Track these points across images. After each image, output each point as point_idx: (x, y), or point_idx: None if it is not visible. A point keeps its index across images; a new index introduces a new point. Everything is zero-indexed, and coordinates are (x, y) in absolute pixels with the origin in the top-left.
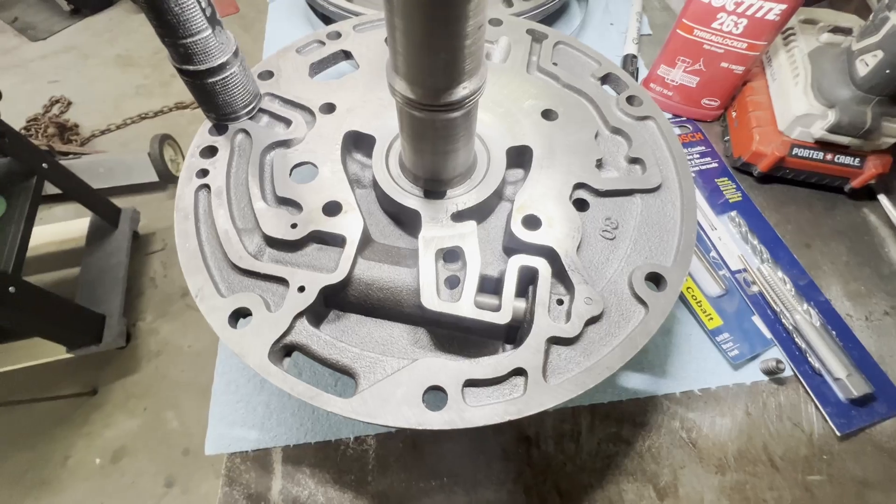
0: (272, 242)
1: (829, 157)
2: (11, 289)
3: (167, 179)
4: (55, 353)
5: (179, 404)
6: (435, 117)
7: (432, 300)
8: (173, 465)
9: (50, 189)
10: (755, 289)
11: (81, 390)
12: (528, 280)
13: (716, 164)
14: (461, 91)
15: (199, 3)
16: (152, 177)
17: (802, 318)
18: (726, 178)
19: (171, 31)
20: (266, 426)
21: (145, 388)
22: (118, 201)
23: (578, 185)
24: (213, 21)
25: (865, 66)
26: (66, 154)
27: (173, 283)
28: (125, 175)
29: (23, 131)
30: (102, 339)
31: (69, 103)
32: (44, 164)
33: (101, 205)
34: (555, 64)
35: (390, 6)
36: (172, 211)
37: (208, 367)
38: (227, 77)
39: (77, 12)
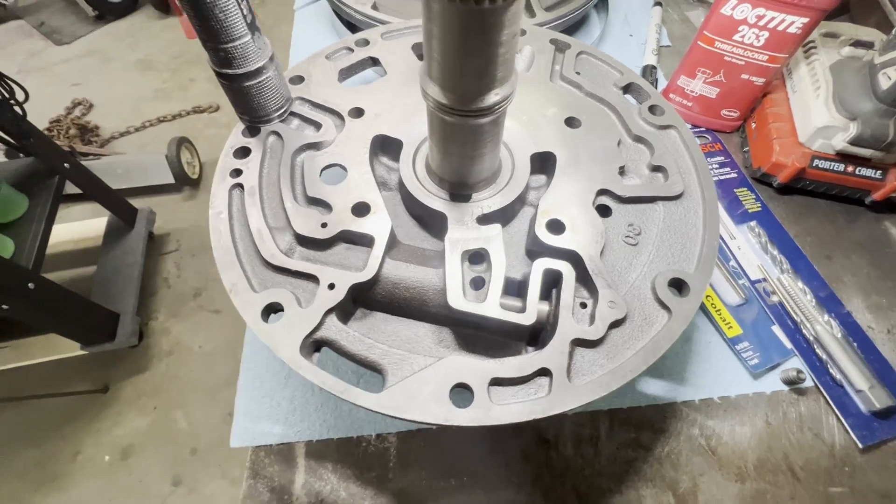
0: (303, 241)
1: (850, 168)
2: (31, 285)
3: (183, 181)
4: (69, 349)
5: (188, 404)
6: (465, 122)
7: (458, 300)
8: (181, 464)
9: (70, 188)
10: (775, 299)
11: (93, 387)
12: (551, 283)
13: (735, 175)
14: (492, 97)
15: (241, 10)
16: (168, 178)
17: (823, 328)
18: (745, 189)
19: (213, 36)
20: (290, 421)
21: (156, 386)
22: (135, 202)
23: (601, 192)
24: (252, 27)
25: (888, 79)
26: (86, 155)
27: (186, 283)
28: (142, 176)
29: (46, 132)
30: (116, 336)
31: (90, 105)
32: (65, 165)
33: (119, 205)
34: (577, 73)
35: (429, 13)
36: (187, 212)
37: (218, 368)
38: (262, 81)
39: (101, 18)
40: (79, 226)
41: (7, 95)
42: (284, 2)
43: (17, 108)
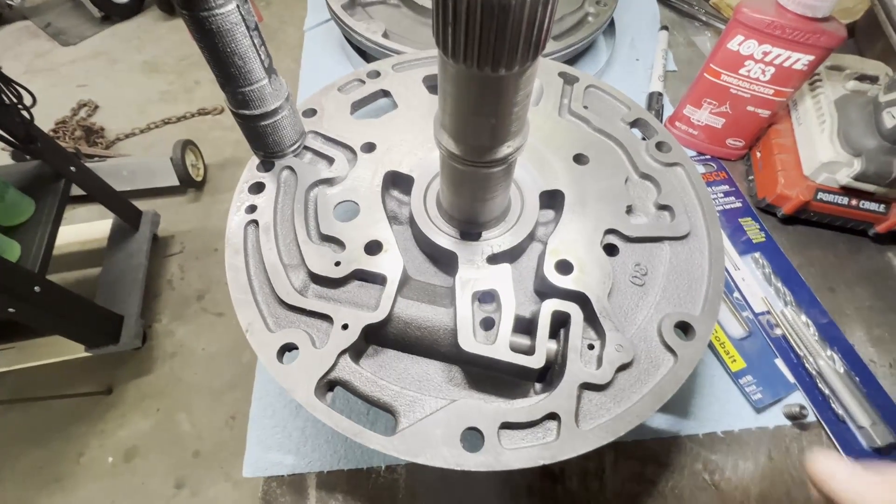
0: (316, 279)
1: (853, 202)
2: (37, 288)
3: (187, 184)
4: (73, 351)
5: (192, 407)
6: (477, 171)
7: (469, 342)
8: (184, 467)
9: (76, 190)
10: (779, 332)
11: (97, 389)
12: (559, 323)
13: (739, 204)
14: (504, 150)
15: (259, 55)
16: (173, 181)
17: (826, 363)
18: (750, 218)
19: (232, 80)
20: (301, 451)
21: (159, 389)
22: (139, 204)
23: (609, 231)
24: (269, 71)
25: (892, 118)
26: (91, 157)
27: (190, 285)
28: (147, 179)
29: (51, 133)
30: (120, 339)
31: (96, 107)
32: (72, 168)
33: (124, 207)
34: (585, 107)
35: (444, 73)
36: (191, 215)
37: (221, 371)
38: (278, 120)
39: (107, 19)
40: (84, 228)
41: (15, 100)
42: (290, 5)
43: (24, 113)
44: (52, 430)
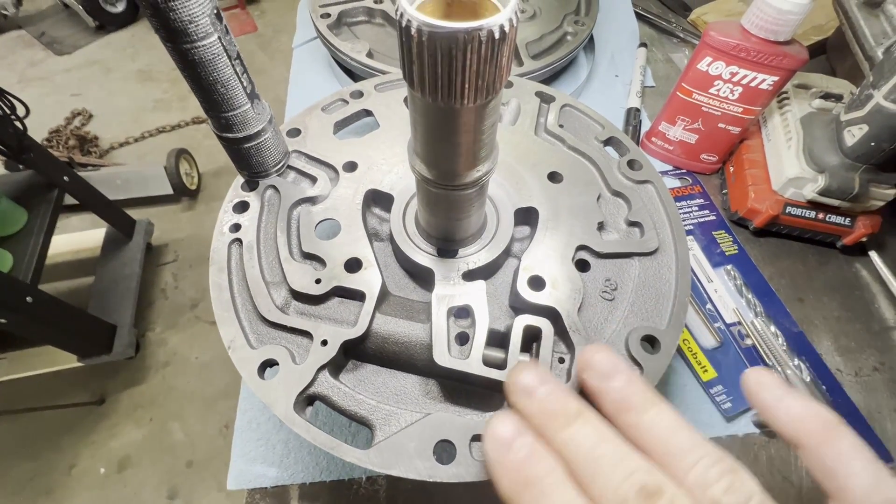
0: (298, 296)
1: (820, 216)
2: (29, 298)
3: (181, 192)
4: (65, 361)
5: (185, 416)
6: (449, 193)
7: (444, 357)
8: (176, 476)
9: (69, 199)
10: (749, 342)
11: (89, 399)
12: (532, 337)
13: (713, 217)
14: (475, 174)
15: (242, 83)
16: (167, 189)
17: (793, 373)
18: (723, 231)
19: (215, 106)
20: (284, 464)
21: (152, 398)
22: (133, 213)
23: (581, 247)
24: (252, 96)
25: (852, 136)
26: (85, 165)
27: (183, 294)
28: (141, 187)
29: (45, 142)
30: (113, 348)
31: (90, 116)
32: (65, 177)
33: (117, 216)
34: (561, 126)
35: (413, 104)
36: (185, 223)
37: (214, 380)
38: (261, 142)
39: (101, 28)
40: (77, 237)
41: (8, 111)
42: (283, 13)
43: (17, 123)
44: (43, 442)
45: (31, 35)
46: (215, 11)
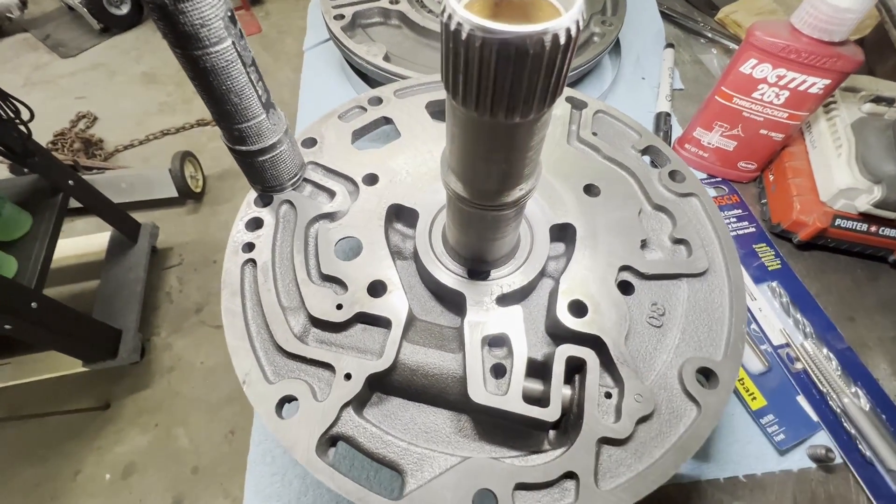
0: (317, 323)
1: (873, 228)
2: (34, 304)
3: (186, 195)
4: (71, 366)
5: (190, 421)
6: (486, 213)
7: (479, 393)
8: (182, 483)
9: (74, 203)
10: (799, 366)
11: (94, 404)
12: (573, 368)
13: (753, 229)
14: (516, 193)
15: (257, 92)
16: (172, 192)
17: (851, 401)
18: (764, 244)
19: (228, 118)
20: (301, 502)
21: (157, 403)
22: (138, 216)
23: (623, 268)
24: (267, 106)
25: None
26: (90, 169)
27: (188, 298)
28: (146, 190)
29: (49, 145)
30: (118, 354)
31: (95, 119)
32: (70, 181)
33: (122, 220)
34: (594, 134)
35: (453, 117)
36: (190, 226)
37: (220, 385)
38: (276, 155)
39: (106, 31)
40: (82, 241)
41: (12, 115)
42: (288, 14)
43: (22, 128)
44: (48, 447)
45: (35, 38)
46: (229, 14)
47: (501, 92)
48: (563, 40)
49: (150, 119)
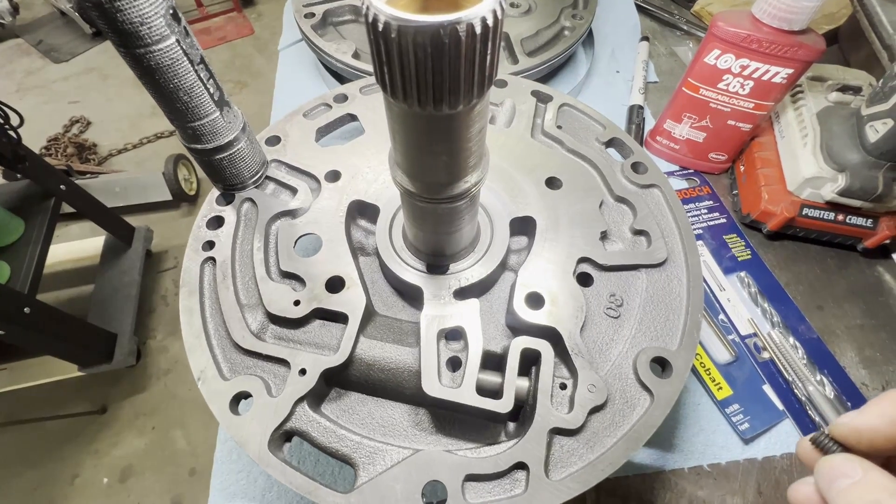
0: (275, 319)
1: (840, 217)
2: (27, 309)
3: (180, 198)
4: (66, 371)
5: (187, 423)
6: (436, 207)
7: (433, 386)
8: (180, 485)
9: (67, 207)
10: (766, 355)
11: (91, 408)
12: (530, 360)
13: (724, 220)
14: (463, 185)
15: (208, 90)
16: (166, 196)
17: (816, 389)
18: (735, 235)
19: (180, 115)
20: (266, 498)
21: (154, 406)
22: (132, 219)
23: (583, 259)
24: (220, 104)
25: (876, 132)
26: (83, 173)
27: None
28: (140, 194)
29: (43, 150)
30: (114, 357)
31: (88, 123)
32: (62, 186)
33: (116, 224)
34: (559, 127)
35: (390, 112)
36: (185, 229)
37: None
38: (234, 152)
39: (98, 35)
40: (76, 245)
41: (2, 121)
42: (280, 16)
43: (11, 133)
44: (45, 452)
45: (28, 43)
46: (171, 11)
47: (425, 83)
48: (478, 30)
49: (144, 122)
